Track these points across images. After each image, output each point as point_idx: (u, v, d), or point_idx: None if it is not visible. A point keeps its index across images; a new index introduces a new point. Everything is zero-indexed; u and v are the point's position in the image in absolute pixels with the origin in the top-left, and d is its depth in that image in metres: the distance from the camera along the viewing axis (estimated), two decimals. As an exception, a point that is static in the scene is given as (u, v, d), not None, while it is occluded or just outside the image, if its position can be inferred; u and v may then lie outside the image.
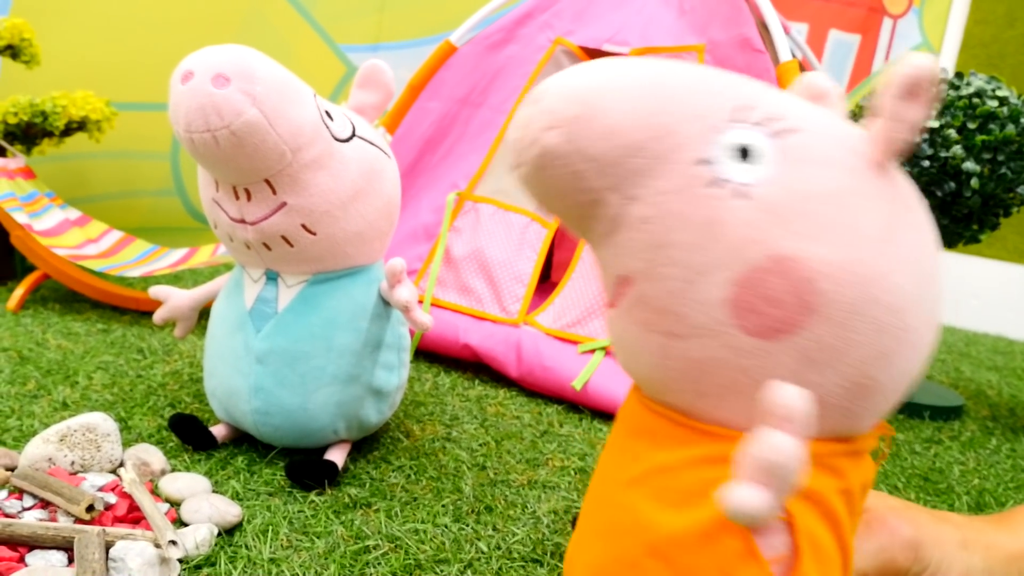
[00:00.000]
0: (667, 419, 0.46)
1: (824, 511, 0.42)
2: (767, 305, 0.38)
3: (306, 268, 0.80)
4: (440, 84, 1.41)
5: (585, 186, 0.41)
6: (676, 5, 1.33)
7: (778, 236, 0.38)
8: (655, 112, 0.40)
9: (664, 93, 0.41)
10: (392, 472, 0.85)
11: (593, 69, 0.42)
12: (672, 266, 0.40)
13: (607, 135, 0.40)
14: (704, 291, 0.39)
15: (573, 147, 0.40)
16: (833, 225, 0.39)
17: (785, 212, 0.39)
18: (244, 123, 0.67)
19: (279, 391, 0.80)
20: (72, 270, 1.34)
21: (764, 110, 0.41)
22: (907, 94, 0.39)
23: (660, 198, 0.40)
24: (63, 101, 1.46)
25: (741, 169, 0.39)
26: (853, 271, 0.38)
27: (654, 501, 0.43)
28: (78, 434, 0.76)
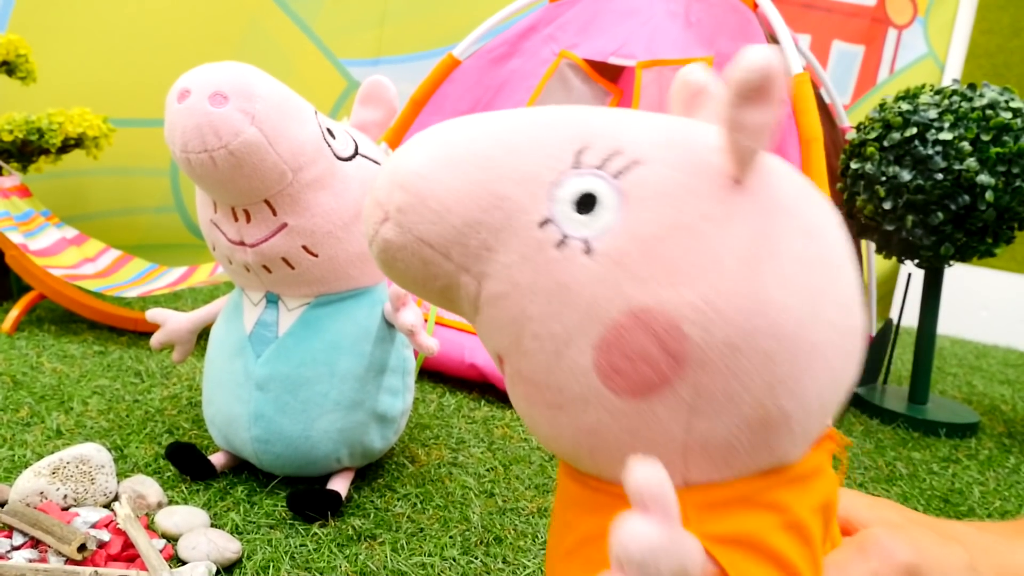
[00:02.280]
0: (587, 486, 0.42)
1: (765, 554, 0.38)
2: (633, 363, 0.35)
3: (307, 291, 0.78)
4: (443, 99, 1.39)
5: (436, 272, 0.39)
6: (683, 17, 1.30)
7: (630, 289, 0.35)
8: (483, 182, 0.37)
9: (492, 158, 0.38)
10: (397, 501, 0.83)
11: (420, 145, 0.39)
12: (535, 340, 0.37)
13: (438, 218, 0.37)
14: (571, 360, 0.36)
15: (409, 237, 0.38)
16: (688, 263, 0.35)
17: (634, 260, 0.35)
18: (242, 143, 0.64)
19: (280, 418, 0.77)
20: (68, 290, 1.31)
21: (602, 148, 0.37)
22: (744, 98, 0.34)
23: (508, 272, 0.37)
24: (59, 118, 1.44)
25: (583, 221, 0.36)
26: (722, 307, 0.35)
27: (586, 572, 0.40)
28: (71, 466, 0.73)
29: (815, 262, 0.37)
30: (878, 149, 1.26)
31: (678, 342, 0.34)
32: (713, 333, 0.34)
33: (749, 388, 0.35)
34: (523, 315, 0.37)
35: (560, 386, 0.37)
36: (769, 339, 0.35)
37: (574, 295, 0.36)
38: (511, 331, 0.38)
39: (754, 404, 0.36)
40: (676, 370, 0.35)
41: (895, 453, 1.18)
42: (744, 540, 0.37)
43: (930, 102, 1.26)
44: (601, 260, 0.35)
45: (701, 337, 0.34)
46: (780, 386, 0.36)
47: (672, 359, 0.35)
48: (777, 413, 0.36)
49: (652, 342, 0.35)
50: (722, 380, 0.35)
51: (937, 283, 1.40)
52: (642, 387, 0.35)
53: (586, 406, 0.37)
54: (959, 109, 1.23)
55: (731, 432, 0.36)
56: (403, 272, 0.40)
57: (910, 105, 1.27)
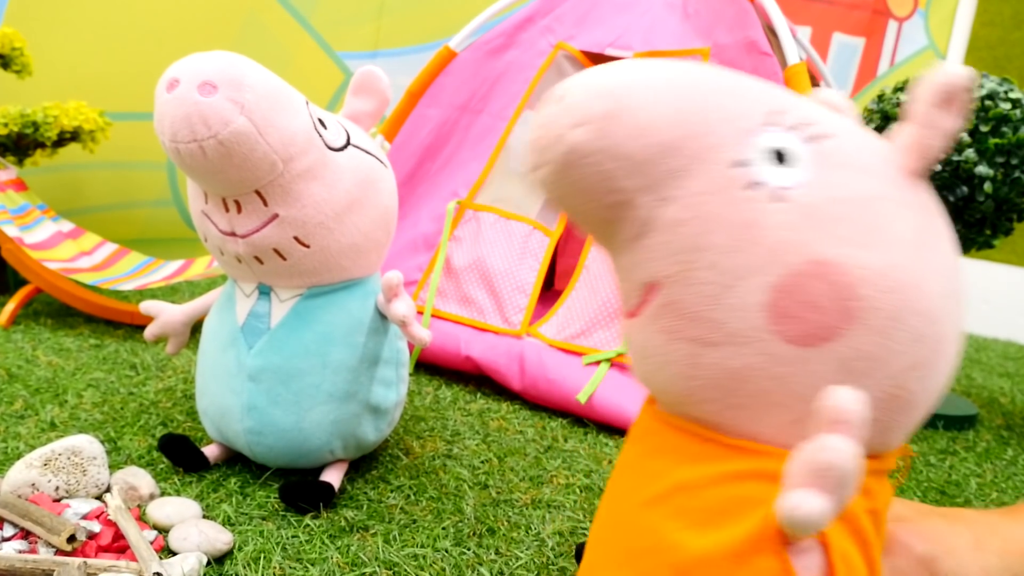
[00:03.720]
0: (691, 434, 0.43)
1: (855, 531, 0.40)
2: (807, 311, 0.37)
3: (300, 282, 0.77)
4: (439, 90, 1.38)
5: (615, 186, 0.39)
6: (680, 8, 1.30)
7: (818, 240, 0.37)
8: (690, 111, 0.39)
9: (698, 93, 0.39)
10: (391, 493, 0.82)
11: (622, 67, 0.40)
12: (708, 270, 0.38)
13: (640, 133, 0.38)
14: (741, 296, 0.38)
15: (603, 144, 0.38)
16: (872, 230, 0.38)
17: (824, 216, 0.38)
18: (232, 132, 0.64)
19: (272, 410, 0.77)
20: (65, 284, 1.31)
21: (797, 115, 0.40)
22: (942, 102, 0.39)
23: (696, 199, 0.39)
24: (55, 111, 1.43)
25: (778, 172, 0.38)
26: (893, 277, 0.37)
27: (678, 521, 0.41)
28: (63, 458, 0.73)
29: (950, 266, 0.40)
30: (876, 140, 1.26)
31: (852, 299, 0.37)
32: (883, 299, 0.37)
33: (895, 361, 0.38)
34: (702, 243, 0.38)
35: (721, 320, 0.38)
36: (922, 319, 0.38)
37: (762, 234, 0.37)
38: (682, 258, 0.39)
39: (894, 379, 0.38)
40: (844, 326, 0.37)
41: (892, 445, 1.17)
42: (842, 514, 0.38)
43: (928, 93, 1.25)
44: (793, 209, 0.38)
45: (873, 300, 0.37)
46: (918, 369, 0.38)
47: (843, 314, 0.37)
48: (907, 394, 0.39)
49: (829, 294, 0.37)
50: (877, 347, 0.37)
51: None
52: (809, 336, 0.37)
53: (743, 346, 0.38)
54: (957, 100, 1.22)
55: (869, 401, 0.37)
56: (577, 182, 0.40)
57: (909, 96, 1.26)
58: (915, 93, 0.40)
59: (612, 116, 0.38)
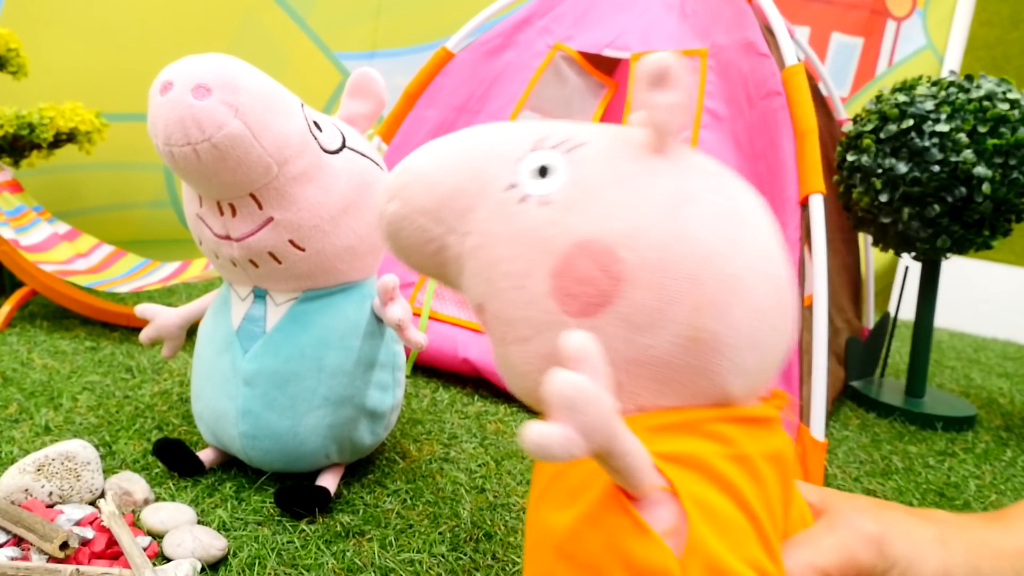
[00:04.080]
0: None
1: (711, 476, 0.41)
2: (581, 285, 0.42)
3: (295, 285, 0.77)
4: (437, 91, 1.38)
5: (428, 236, 0.48)
6: (678, 9, 1.29)
7: (576, 225, 0.43)
8: (464, 161, 0.48)
9: (468, 145, 0.49)
10: (387, 497, 0.82)
11: (419, 150, 0.50)
12: (504, 278, 0.45)
13: (431, 189, 0.48)
14: (532, 290, 0.44)
15: (409, 208, 0.48)
16: (621, 204, 0.43)
17: (579, 205, 0.44)
18: (226, 135, 0.63)
19: (268, 414, 0.77)
20: (61, 286, 1.31)
21: (556, 136, 0.47)
22: (652, 85, 0.43)
23: (484, 225, 0.46)
24: (50, 113, 1.43)
25: (541, 184, 0.45)
26: (647, 235, 0.42)
27: (552, 507, 0.45)
28: (56, 463, 0.73)
29: (729, 214, 0.44)
30: (874, 141, 1.25)
31: (615, 263, 0.42)
32: (642, 255, 0.42)
33: (678, 305, 0.42)
34: (494, 258, 0.45)
35: (526, 317, 0.44)
36: (692, 263, 0.42)
37: (532, 236, 0.44)
38: (487, 276, 0.46)
39: (684, 323, 0.42)
40: (615, 289, 0.42)
41: (891, 447, 1.17)
42: (688, 460, 0.41)
43: (927, 93, 1.25)
44: (554, 207, 0.44)
45: (632, 258, 0.42)
46: (706, 308, 0.42)
47: (611, 279, 0.42)
48: (708, 335, 0.42)
49: (594, 265, 0.42)
50: (653, 297, 0.42)
51: (934, 276, 1.39)
52: (589, 306, 0.42)
53: (547, 331, 0.43)
54: (956, 100, 1.22)
55: (667, 350, 0.42)
56: (405, 240, 0.49)
57: (907, 97, 1.26)
58: (635, 87, 0.46)
59: (410, 184, 0.48)
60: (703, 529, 0.39)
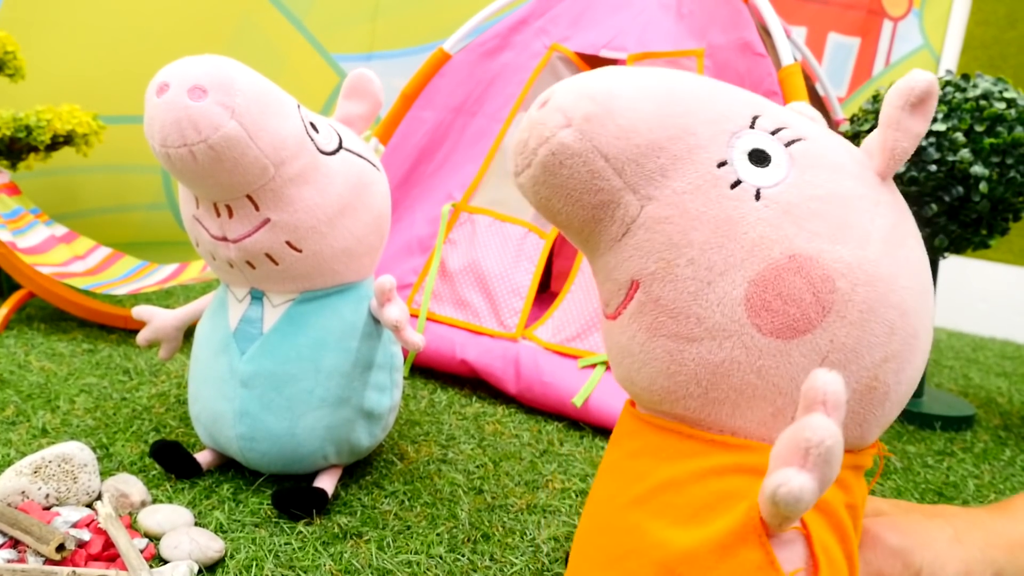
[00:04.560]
0: (672, 432, 0.44)
1: (835, 524, 0.41)
2: (785, 303, 0.39)
3: (292, 286, 0.77)
4: (434, 93, 1.38)
5: (601, 186, 0.41)
6: (674, 9, 1.29)
7: (795, 235, 0.39)
8: (672, 114, 0.41)
9: (680, 97, 0.41)
10: (385, 498, 0.82)
11: (607, 72, 0.42)
12: (689, 266, 0.40)
13: (624, 134, 0.40)
14: (721, 290, 0.39)
15: (589, 144, 0.40)
16: (846, 226, 0.40)
17: (801, 212, 0.40)
18: (222, 137, 0.63)
19: (265, 416, 0.77)
20: (58, 288, 1.30)
21: (774, 119, 0.42)
22: (911, 106, 0.40)
23: (679, 198, 0.40)
24: (47, 115, 1.43)
25: (757, 172, 0.40)
26: (867, 271, 0.39)
27: (662, 519, 0.42)
28: (53, 465, 0.72)
29: (922, 265, 0.42)
30: (871, 141, 1.25)
31: (829, 292, 0.39)
32: (858, 292, 0.39)
33: (870, 353, 0.39)
34: (684, 240, 0.40)
35: (702, 316, 0.40)
36: (895, 313, 0.39)
37: (741, 231, 0.39)
38: (664, 255, 0.41)
39: (870, 370, 0.40)
40: (821, 318, 0.39)
41: (890, 447, 1.17)
42: (821, 505, 0.39)
43: (924, 93, 1.25)
44: (772, 207, 0.39)
45: (848, 293, 0.39)
46: (892, 362, 0.40)
47: (820, 306, 0.39)
48: (882, 387, 0.40)
49: (806, 287, 0.39)
50: (854, 339, 0.39)
51: (932, 275, 1.39)
52: (788, 328, 0.39)
53: (724, 340, 0.40)
54: (952, 100, 1.22)
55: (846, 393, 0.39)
56: (564, 181, 0.41)
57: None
58: (886, 97, 0.42)
59: (597, 118, 0.40)
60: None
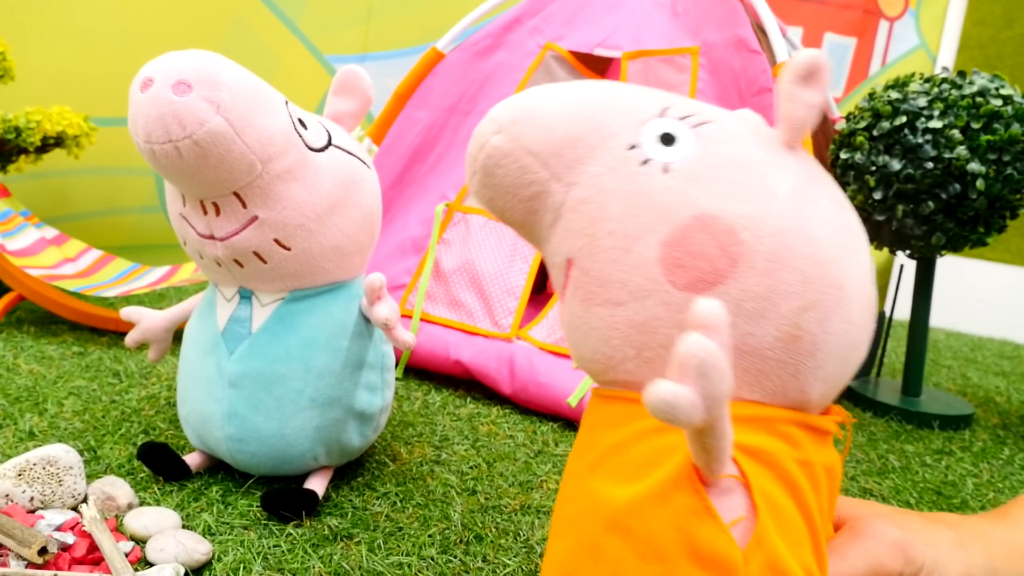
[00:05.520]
0: (618, 399, 0.47)
1: (780, 474, 0.41)
2: (695, 259, 0.41)
3: (281, 285, 0.76)
4: (427, 92, 1.37)
5: (531, 179, 0.46)
6: (669, 7, 1.29)
7: (699, 197, 0.42)
8: (587, 110, 0.46)
9: (594, 96, 0.47)
10: (376, 500, 0.81)
11: (534, 90, 0.48)
12: (608, 237, 0.44)
13: (545, 131, 0.46)
14: (638, 254, 0.43)
15: (516, 144, 0.46)
16: (748, 186, 0.43)
17: (704, 179, 0.43)
18: (207, 132, 0.62)
19: (254, 416, 0.75)
20: (48, 291, 1.29)
21: (682, 109, 0.47)
22: (802, 79, 0.43)
23: (596, 180, 0.45)
24: (37, 116, 1.42)
25: (665, 150, 0.44)
26: (771, 223, 0.41)
27: (610, 479, 0.44)
28: (38, 468, 0.71)
29: (843, 223, 0.44)
30: (868, 139, 1.25)
31: (734, 244, 0.41)
32: (763, 241, 0.41)
33: (786, 301, 0.41)
34: (602, 215, 0.44)
35: (624, 280, 0.43)
36: (807, 261, 0.41)
37: (651, 200, 0.43)
38: (588, 231, 0.45)
39: (788, 319, 0.41)
40: (730, 269, 0.41)
41: (888, 446, 1.16)
42: (761, 455, 0.41)
43: (920, 90, 1.24)
44: (677, 176, 0.43)
45: (753, 244, 0.41)
46: (811, 310, 0.42)
47: (727, 258, 0.41)
48: (806, 335, 0.42)
49: (712, 241, 0.41)
50: (765, 286, 0.41)
51: (929, 274, 1.38)
52: (700, 281, 0.41)
53: (645, 299, 0.43)
54: (949, 97, 1.21)
55: (766, 341, 0.41)
56: (501, 179, 0.47)
57: (900, 94, 1.25)
58: (781, 74, 0.46)
59: (522, 121, 0.46)
60: (769, 525, 0.39)
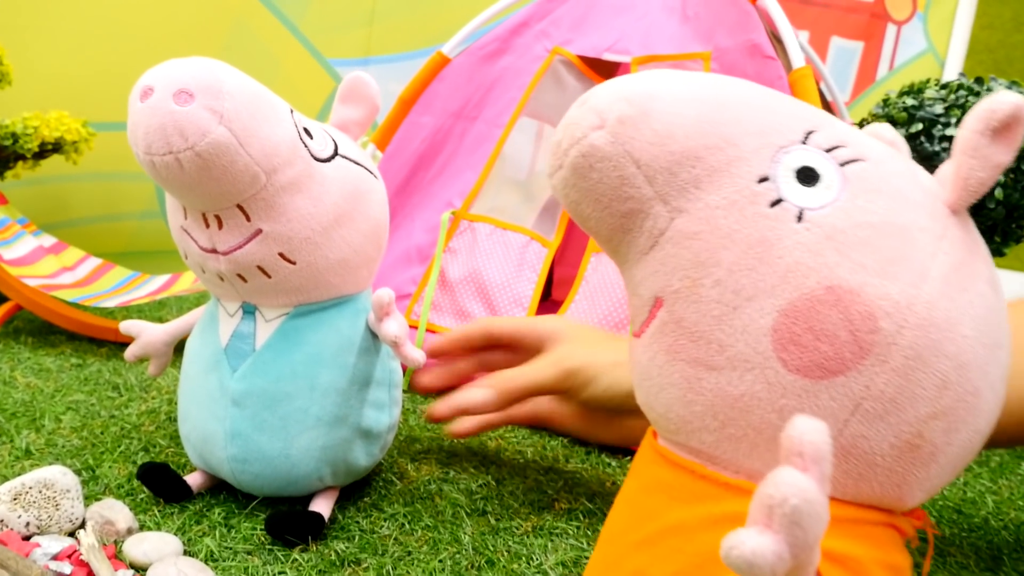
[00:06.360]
0: (686, 471, 0.41)
1: None
2: (817, 339, 0.34)
3: (286, 300, 0.73)
4: (433, 97, 1.34)
5: (630, 193, 0.38)
6: (679, 11, 1.26)
7: (836, 264, 0.35)
8: (716, 121, 0.38)
9: (729, 103, 0.38)
10: (384, 522, 0.78)
11: (650, 75, 0.39)
12: (714, 287, 0.37)
13: (659, 139, 0.37)
14: (747, 317, 0.36)
15: (620, 149, 0.38)
16: (899, 259, 0.35)
17: (847, 240, 0.35)
18: (210, 143, 0.60)
19: (258, 436, 0.73)
20: (46, 300, 1.27)
21: (830, 136, 0.38)
22: (994, 132, 0.35)
23: (711, 213, 0.37)
24: (35, 122, 1.39)
25: (802, 192, 0.36)
26: (919, 313, 0.34)
27: (669, 566, 0.38)
28: (34, 491, 0.69)
29: (993, 314, 0.37)
30: (883, 146, 1.22)
31: (869, 332, 0.34)
32: (904, 334, 0.34)
33: (915, 406, 0.35)
34: (712, 258, 0.37)
35: (724, 342, 0.36)
36: (950, 363, 0.35)
37: (776, 253, 0.35)
38: (690, 273, 0.38)
39: (912, 426, 0.35)
40: (857, 360, 0.34)
41: (904, 461, 1.13)
42: (848, 561, 0.36)
43: (936, 97, 1.22)
44: (814, 230, 0.35)
45: (892, 334, 0.34)
46: (940, 419, 0.35)
47: (857, 347, 0.34)
48: (927, 446, 0.36)
49: (844, 323, 0.34)
50: (895, 387, 0.34)
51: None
52: (818, 367, 0.35)
53: (745, 371, 0.36)
54: (966, 104, 1.19)
55: (880, 447, 0.35)
56: (593, 185, 0.39)
57: (915, 100, 1.23)
58: (964, 121, 0.37)
59: (632, 120, 0.37)
60: None
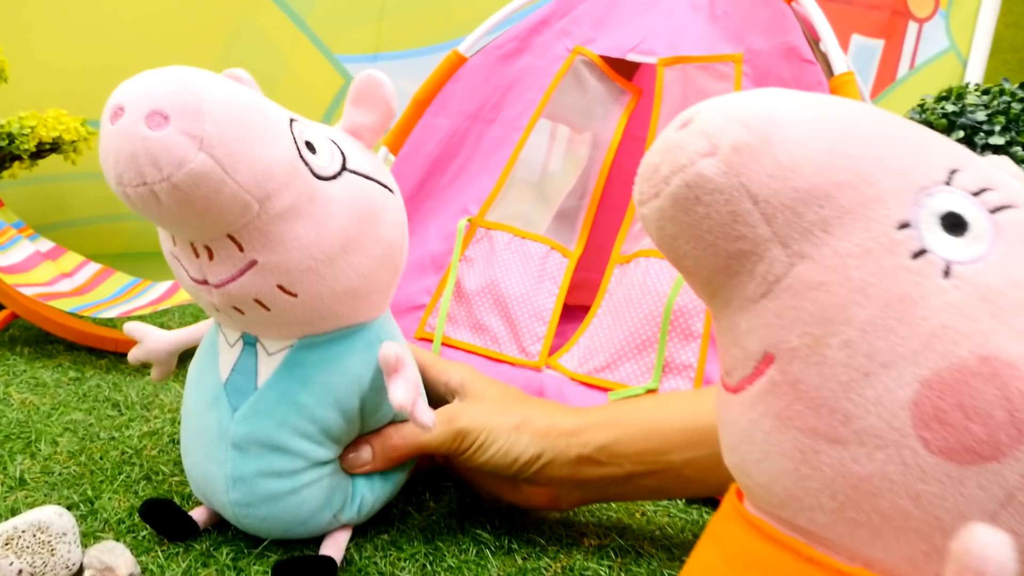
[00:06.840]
0: (789, 550, 0.35)
1: None
2: (967, 417, 0.30)
3: (288, 332, 0.67)
4: (448, 98, 1.28)
5: (742, 232, 0.33)
6: (707, 10, 1.20)
7: (993, 331, 0.30)
8: (850, 155, 0.32)
9: (863, 134, 0.33)
10: (404, 562, 0.73)
11: (770, 94, 0.34)
12: (843, 348, 0.31)
13: (783, 172, 0.32)
14: (882, 386, 0.31)
15: (736, 181, 0.32)
16: None
17: (1005, 303, 0.30)
18: (188, 173, 0.51)
19: (262, 481, 0.67)
20: (43, 309, 1.21)
21: (977, 177, 0.32)
22: None
23: (841, 260, 0.32)
24: (32, 121, 1.33)
25: (949, 242, 0.31)
26: None
27: None
28: (27, 535, 0.63)
29: None
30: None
31: None
32: None
33: None
34: (841, 315, 0.32)
35: (851, 413, 0.31)
36: None
37: (919, 314, 0.31)
38: (813, 330, 0.32)
39: None
40: (1015, 445, 0.29)
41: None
42: None
43: (978, 103, 1.16)
44: (965, 289, 0.31)
45: None
46: None
47: (1016, 429, 0.29)
48: None
49: (1001, 401, 0.29)
50: None
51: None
52: (967, 450, 0.30)
53: (876, 449, 0.31)
54: (1010, 111, 1.12)
55: None
56: (698, 220, 0.33)
57: (955, 106, 1.17)
58: None
59: (751, 149, 0.32)
60: None
